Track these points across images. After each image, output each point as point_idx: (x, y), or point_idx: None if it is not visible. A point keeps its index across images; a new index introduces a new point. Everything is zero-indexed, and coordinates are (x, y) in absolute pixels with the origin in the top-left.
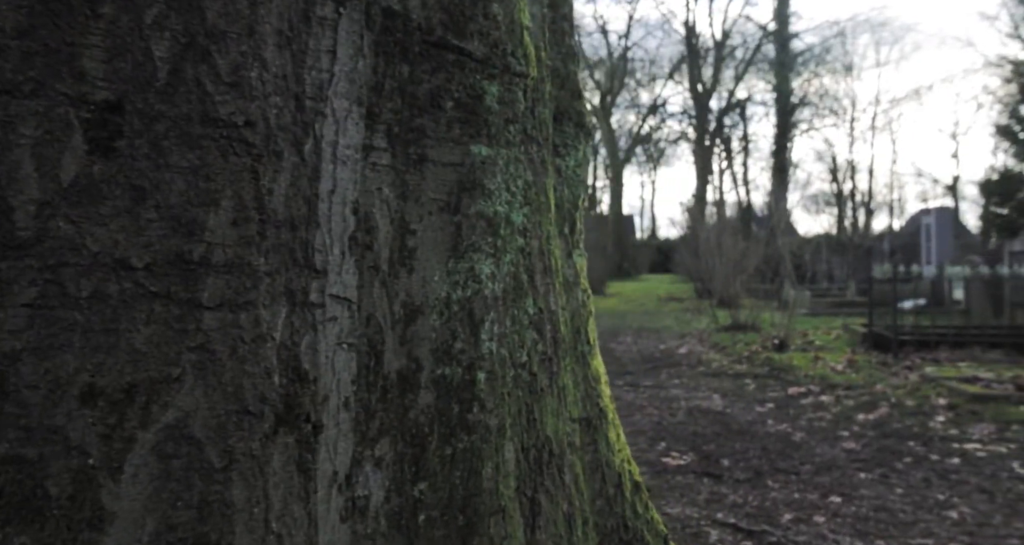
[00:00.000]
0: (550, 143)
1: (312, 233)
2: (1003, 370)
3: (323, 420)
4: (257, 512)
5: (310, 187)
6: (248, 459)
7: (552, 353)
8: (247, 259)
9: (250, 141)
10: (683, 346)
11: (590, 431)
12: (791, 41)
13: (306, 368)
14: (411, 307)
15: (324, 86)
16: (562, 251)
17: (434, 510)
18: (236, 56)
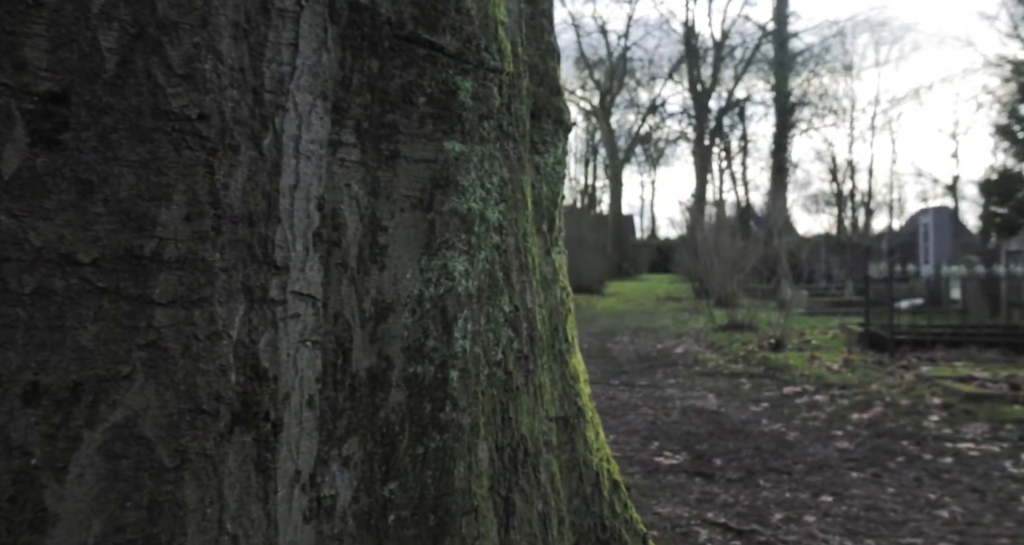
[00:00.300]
0: (527, 140)
1: (272, 229)
2: (999, 369)
3: (284, 419)
4: (211, 512)
5: (270, 182)
6: (202, 458)
7: (528, 351)
8: (201, 255)
9: (204, 135)
10: (679, 345)
11: (568, 430)
12: (790, 41)
13: (265, 366)
14: (382, 305)
15: (285, 80)
16: (540, 249)
17: (404, 510)
18: (189, 48)
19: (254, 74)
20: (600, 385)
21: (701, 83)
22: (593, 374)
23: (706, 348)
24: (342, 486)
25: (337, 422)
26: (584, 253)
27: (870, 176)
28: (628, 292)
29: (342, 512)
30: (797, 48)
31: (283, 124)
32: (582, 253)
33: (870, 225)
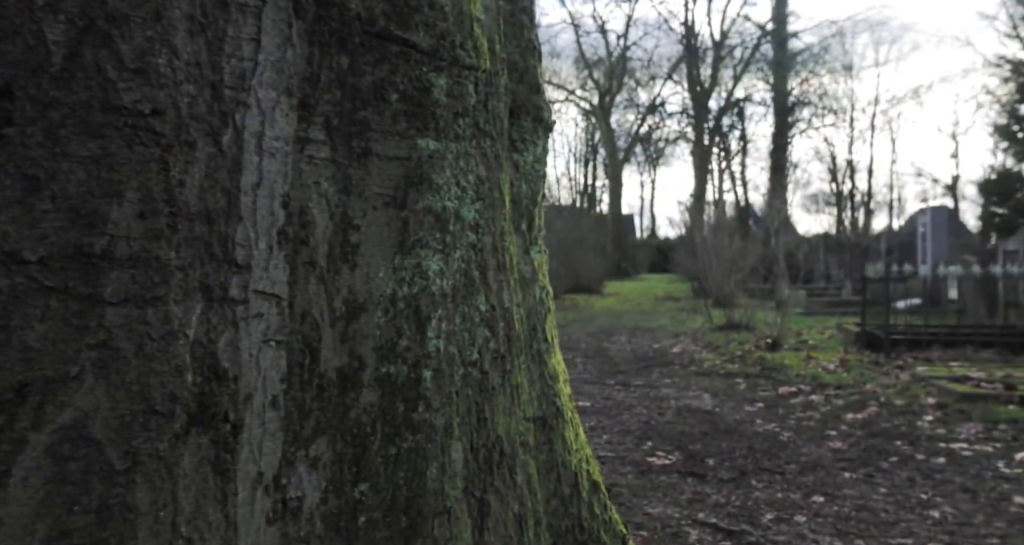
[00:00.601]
0: (505, 138)
1: (233, 227)
2: (994, 369)
3: (245, 420)
4: (164, 516)
5: (230, 179)
6: (154, 461)
7: (505, 351)
8: (156, 253)
9: (158, 130)
10: (677, 345)
11: (546, 430)
12: (789, 41)
13: (225, 366)
14: (353, 304)
15: (246, 75)
16: (519, 247)
17: (375, 511)
18: (141, 41)
19: (212, 69)
20: (596, 385)
21: (700, 83)
22: (589, 374)
23: (703, 348)
24: (309, 487)
25: (304, 423)
26: (583, 253)
27: (870, 176)
28: (627, 292)
29: (309, 514)
30: (796, 48)
31: (244, 120)
32: (581, 253)
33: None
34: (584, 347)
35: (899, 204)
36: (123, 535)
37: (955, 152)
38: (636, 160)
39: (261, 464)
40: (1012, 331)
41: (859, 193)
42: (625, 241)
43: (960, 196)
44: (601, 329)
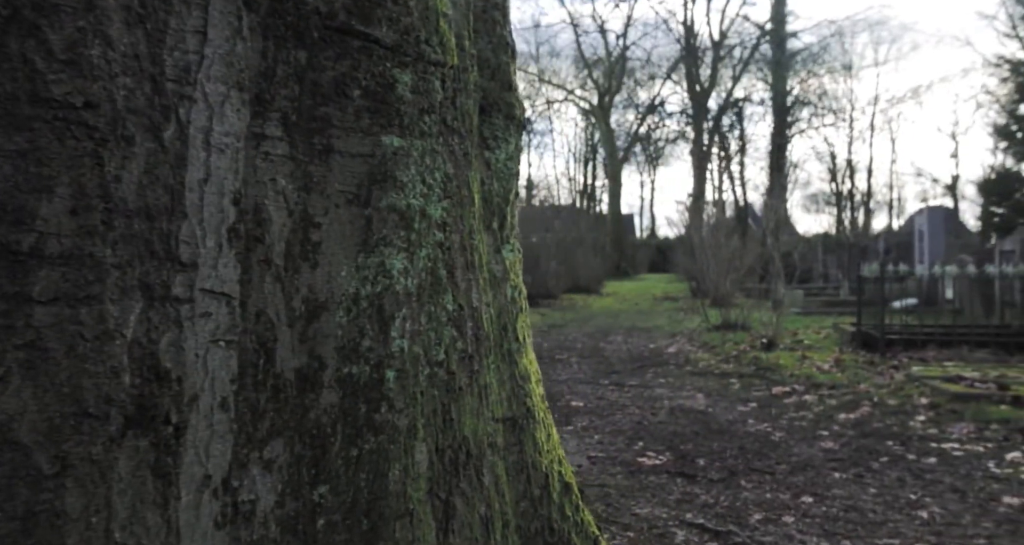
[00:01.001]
0: (475, 135)
1: (177, 224)
2: (989, 369)
3: (190, 421)
4: (96, 521)
5: (173, 175)
6: (87, 464)
7: (473, 351)
8: (89, 250)
9: (92, 124)
10: (672, 345)
11: (515, 431)
12: (788, 40)
13: (167, 367)
14: (314, 303)
15: (191, 69)
16: (489, 246)
17: (335, 514)
18: (72, 32)
19: (152, 62)
20: (590, 385)
21: (699, 83)
22: (584, 374)
23: (698, 348)
24: (263, 490)
25: (258, 424)
26: (582, 253)
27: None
28: (626, 292)
29: (263, 517)
30: (795, 48)
31: (190, 115)
32: (579, 253)
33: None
34: (580, 347)
35: (899, 204)
36: (51, 542)
37: (955, 152)
38: (636, 160)
39: (208, 466)
40: (1007, 331)
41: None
42: (624, 241)
43: (960, 196)
44: (598, 329)
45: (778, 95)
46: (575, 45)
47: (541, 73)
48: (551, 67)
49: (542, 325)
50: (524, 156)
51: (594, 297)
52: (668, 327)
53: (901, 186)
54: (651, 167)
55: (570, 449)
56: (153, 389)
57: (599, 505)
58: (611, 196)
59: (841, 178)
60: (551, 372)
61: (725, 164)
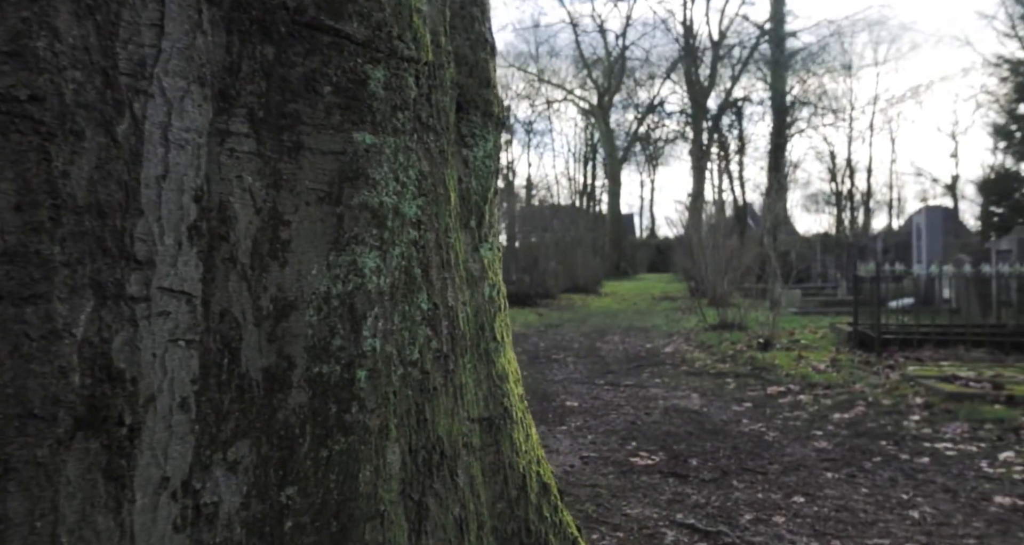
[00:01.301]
0: (451, 132)
1: (132, 221)
2: (984, 369)
3: (146, 422)
4: (42, 526)
5: (128, 171)
6: (31, 467)
7: (448, 350)
8: (35, 247)
9: (37, 118)
10: (669, 345)
11: (492, 431)
12: (787, 40)
13: (120, 366)
14: (283, 302)
15: (147, 63)
16: (467, 245)
17: (303, 516)
18: (16, 22)
19: (104, 55)
20: (585, 384)
21: (699, 83)
22: (580, 374)
23: (695, 347)
24: (227, 492)
25: (222, 425)
26: (581, 253)
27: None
28: (624, 292)
29: (227, 519)
30: (794, 47)
31: (145, 110)
32: (578, 253)
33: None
34: (577, 347)
35: (899, 204)
36: None
37: (955, 152)
38: (636, 160)
39: (167, 468)
40: (1003, 330)
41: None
42: (624, 241)
43: (960, 196)
44: (595, 329)
45: (777, 95)
46: (574, 45)
47: (541, 73)
48: (551, 67)
49: (539, 325)
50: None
51: (592, 297)
52: (665, 327)
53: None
54: (651, 167)
55: (563, 449)
56: (105, 390)
57: (590, 505)
58: (610, 196)
59: (841, 178)
60: (547, 372)
61: (724, 164)
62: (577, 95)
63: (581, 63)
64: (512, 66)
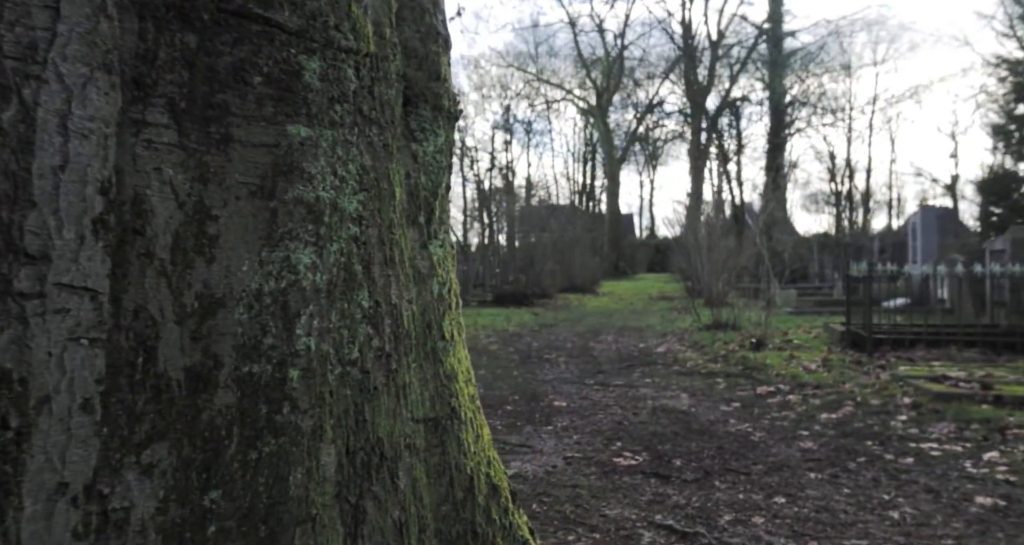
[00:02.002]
0: (397, 126)
1: (21, 213)
2: (975, 369)
3: (39, 426)
4: None
5: (16, 161)
6: None
7: (391, 349)
8: None
9: None
10: (662, 345)
11: (438, 432)
12: (785, 40)
13: (7, 367)
14: (209, 299)
15: (39, 46)
16: (415, 241)
17: (228, 520)
18: None
19: None
20: (575, 384)
21: (697, 83)
22: (571, 373)
23: (688, 347)
24: (141, 497)
25: (135, 427)
26: (578, 253)
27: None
28: (622, 291)
29: (140, 525)
30: (792, 47)
31: (38, 96)
32: (576, 253)
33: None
34: (570, 346)
35: (899, 204)
36: None
37: (954, 152)
38: (636, 160)
39: (65, 473)
40: (995, 330)
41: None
42: (623, 241)
43: (960, 196)
44: (589, 329)
45: (774, 94)
46: (573, 45)
47: (540, 72)
48: (550, 67)
49: (534, 324)
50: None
51: (589, 296)
52: (660, 327)
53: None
54: (651, 167)
55: (547, 449)
56: None
57: (568, 506)
58: (609, 196)
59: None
60: (538, 372)
61: (722, 164)
62: (576, 95)
63: (580, 63)
64: (511, 66)
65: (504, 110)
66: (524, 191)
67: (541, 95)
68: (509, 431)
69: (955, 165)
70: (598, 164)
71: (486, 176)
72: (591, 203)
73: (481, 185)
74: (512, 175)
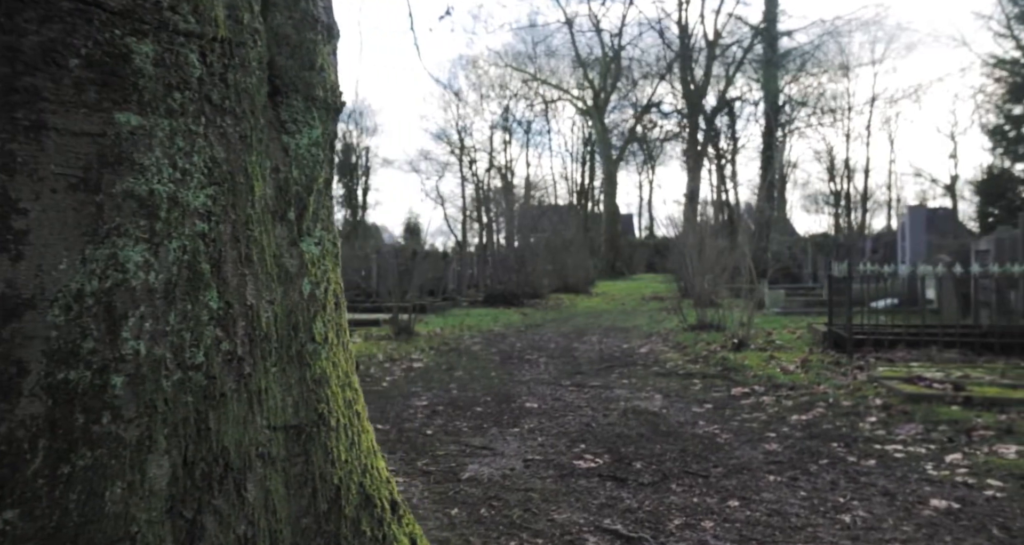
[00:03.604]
0: (259, 116)
1: None
2: (954, 369)
3: None
4: None
5: None
6: None
7: (244, 353)
8: None
9: None
10: (645, 345)
11: (301, 440)
12: (780, 39)
13: None
14: (15, 300)
15: None
16: (282, 238)
17: (29, 541)
18: None
19: None
20: (551, 385)
21: (694, 83)
22: (548, 375)
23: (671, 348)
24: None
25: None
26: (572, 253)
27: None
28: (616, 291)
29: None
30: (787, 47)
31: None
32: (569, 253)
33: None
34: (553, 347)
35: (898, 204)
36: None
37: (954, 152)
38: (636, 160)
39: None
40: (975, 331)
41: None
42: (620, 240)
43: (960, 196)
44: (575, 329)
45: (769, 94)
46: (571, 45)
47: (538, 72)
48: (548, 67)
49: (520, 325)
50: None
51: (583, 297)
52: (647, 327)
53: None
54: (650, 167)
55: (509, 452)
56: None
57: (517, 510)
58: (606, 196)
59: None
60: (515, 373)
61: (719, 164)
62: (574, 95)
63: (577, 63)
64: (508, 66)
65: (503, 110)
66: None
67: (539, 95)
68: (473, 433)
69: (955, 165)
70: (596, 164)
71: (485, 176)
72: (589, 203)
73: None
74: (511, 175)
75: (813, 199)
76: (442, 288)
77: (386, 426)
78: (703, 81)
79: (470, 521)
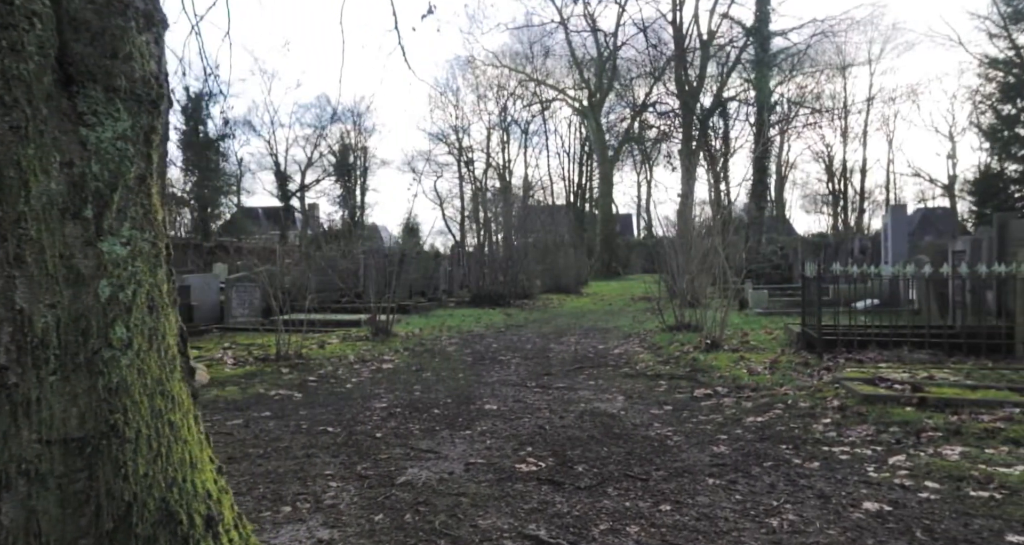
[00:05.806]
0: (38, 106)
1: None
2: (921, 370)
3: None
4: None
5: None
6: None
7: (9, 361)
8: None
9: None
10: (622, 346)
11: (85, 454)
12: (772, 39)
13: None
14: None
15: None
16: (76, 238)
17: None
18: None
19: None
20: (516, 387)
21: (688, 83)
22: (517, 376)
23: (646, 349)
24: None
25: None
26: (563, 254)
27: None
28: (607, 292)
29: None
30: (780, 47)
31: None
32: (560, 254)
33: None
34: (529, 348)
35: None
36: None
37: (952, 152)
38: (634, 160)
39: None
40: (946, 332)
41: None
42: (616, 240)
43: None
44: (556, 330)
45: (762, 94)
46: (566, 45)
47: (534, 73)
48: (544, 67)
49: (502, 325)
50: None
51: (572, 297)
52: (628, 328)
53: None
54: (647, 167)
55: (453, 455)
56: None
57: (442, 516)
58: (602, 196)
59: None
60: (484, 374)
61: (712, 164)
62: (570, 95)
63: (573, 62)
64: (505, 66)
65: (501, 110)
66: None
67: (536, 95)
68: (423, 436)
69: (952, 165)
70: (593, 164)
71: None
72: (587, 204)
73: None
74: (509, 175)
75: (812, 199)
76: (432, 288)
77: (337, 429)
78: (698, 81)
79: (391, 527)
